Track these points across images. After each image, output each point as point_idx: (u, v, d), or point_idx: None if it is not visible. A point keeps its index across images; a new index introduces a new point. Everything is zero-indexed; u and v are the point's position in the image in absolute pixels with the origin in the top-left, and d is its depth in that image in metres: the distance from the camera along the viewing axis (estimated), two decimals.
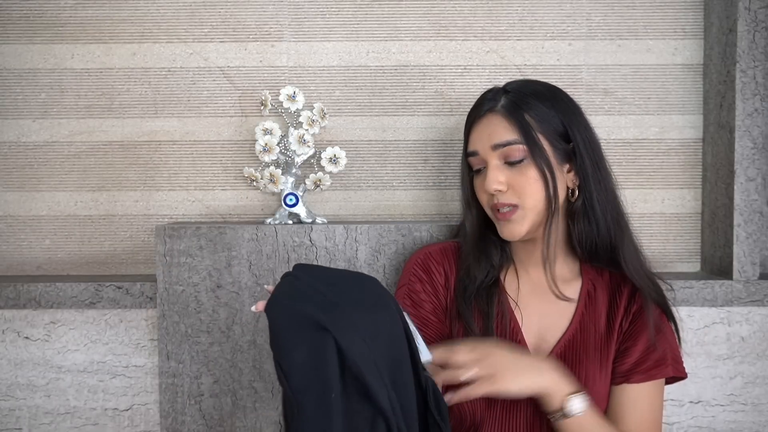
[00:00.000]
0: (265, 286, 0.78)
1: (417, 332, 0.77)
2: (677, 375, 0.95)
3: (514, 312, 0.97)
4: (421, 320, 0.98)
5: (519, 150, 0.90)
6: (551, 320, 0.97)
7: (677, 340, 0.98)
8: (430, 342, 0.96)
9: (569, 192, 0.94)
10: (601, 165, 0.94)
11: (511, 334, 0.95)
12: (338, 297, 0.68)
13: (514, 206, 0.92)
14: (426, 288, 1.00)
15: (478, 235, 1.00)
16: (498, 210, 0.93)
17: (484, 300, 0.96)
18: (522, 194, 0.91)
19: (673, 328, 0.98)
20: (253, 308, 0.74)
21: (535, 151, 0.90)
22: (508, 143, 0.91)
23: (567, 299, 0.96)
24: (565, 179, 0.93)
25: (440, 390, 0.78)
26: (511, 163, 0.91)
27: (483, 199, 0.96)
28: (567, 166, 0.93)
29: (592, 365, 0.94)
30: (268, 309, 0.70)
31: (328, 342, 0.65)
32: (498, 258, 0.99)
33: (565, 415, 0.85)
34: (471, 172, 0.99)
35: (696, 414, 1.30)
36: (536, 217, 0.92)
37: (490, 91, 0.97)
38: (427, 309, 0.99)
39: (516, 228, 0.92)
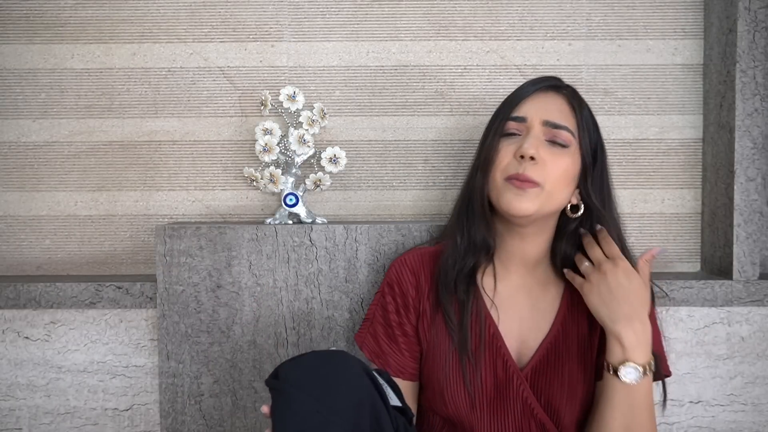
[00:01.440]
0: (262, 409, 0.79)
1: (386, 384, 0.83)
2: (663, 372, 0.96)
3: (491, 312, 0.96)
4: (386, 328, 0.99)
5: (567, 138, 0.91)
6: (533, 323, 0.96)
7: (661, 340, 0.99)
8: (397, 356, 0.99)
9: (567, 206, 0.95)
10: (610, 192, 0.97)
11: (488, 338, 0.94)
12: (328, 403, 0.75)
13: (535, 184, 0.89)
14: (397, 300, 1.00)
15: (481, 205, 0.95)
16: (516, 178, 0.89)
17: (462, 291, 0.95)
18: (548, 175, 0.89)
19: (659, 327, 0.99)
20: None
21: (580, 146, 0.92)
22: (562, 127, 0.91)
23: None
24: (573, 191, 0.94)
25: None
26: (552, 143, 0.91)
27: (503, 163, 0.92)
28: (578, 181, 0.95)
29: (575, 366, 0.94)
30: None
31: None
32: (482, 245, 0.96)
33: (616, 374, 0.86)
34: (495, 136, 0.94)
35: (696, 414, 1.30)
36: (548, 203, 0.90)
37: (547, 76, 0.97)
38: (392, 319, 0.99)
39: (525, 204, 0.89)
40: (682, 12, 1.34)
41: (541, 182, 0.89)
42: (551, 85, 0.95)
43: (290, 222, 1.20)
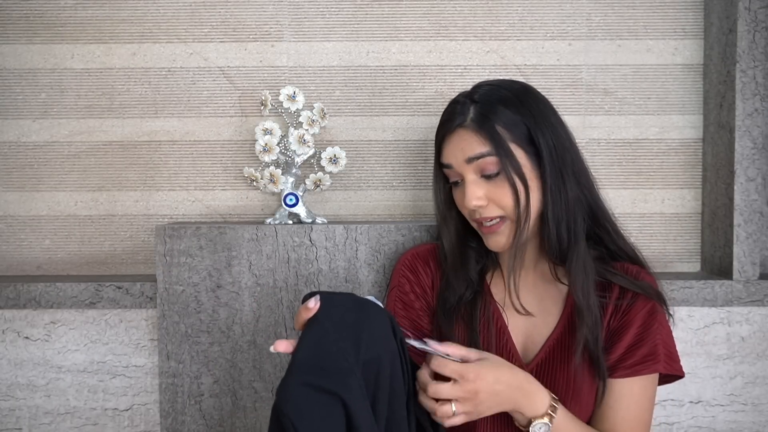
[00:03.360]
0: (271, 349, 0.81)
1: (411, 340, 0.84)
2: (671, 372, 0.94)
3: (502, 315, 0.97)
4: (413, 322, 1.00)
5: (493, 163, 0.90)
6: (539, 320, 0.97)
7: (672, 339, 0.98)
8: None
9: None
10: (565, 171, 0.92)
11: (497, 336, 0.96)
12: (355, 350, 0.76)
13: (500, 218, 0.92)
14: (414, 289, 1.02)
15: (456, 249, 1.00)
16: (482, 224, 0.94)
17: (468, 311, 0.97)
18: (503, 206, 0.91)
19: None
20: (272, 348, 0.80)
21: (506, 164, 0.89)
22: (482, 155, 0.90)
23: (527, 313, 0.96)
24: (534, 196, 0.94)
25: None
26: (487, 177, 0.91)
27: (465, 212, 0.97)
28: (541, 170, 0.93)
29: (580, 364, 0.93)
30: (290, 390, 0.75)
31: (340, 411, 0.75)
32: (477, 271, 1.00)
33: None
34: (447, 183, 0.99)
35: (696, 414, 1.30)
36: (521, 225, 0.92)
37: (457, 102, 0.95)
38: (417, 307, 1.01)
39: (502, 240, 0.93)
40: (682, 12, 1.34)
41: (504, 214, 0.92)
42: (458, 124, 0.93)
43: (290, 222, 1.20)
